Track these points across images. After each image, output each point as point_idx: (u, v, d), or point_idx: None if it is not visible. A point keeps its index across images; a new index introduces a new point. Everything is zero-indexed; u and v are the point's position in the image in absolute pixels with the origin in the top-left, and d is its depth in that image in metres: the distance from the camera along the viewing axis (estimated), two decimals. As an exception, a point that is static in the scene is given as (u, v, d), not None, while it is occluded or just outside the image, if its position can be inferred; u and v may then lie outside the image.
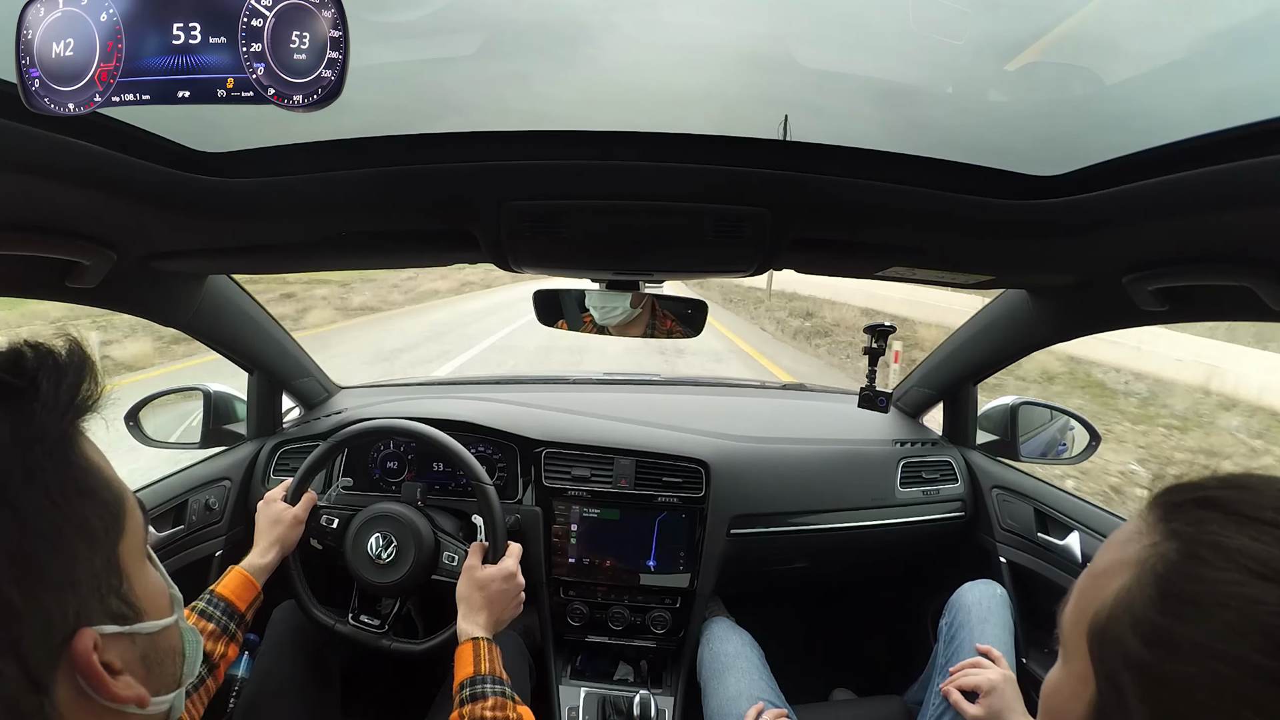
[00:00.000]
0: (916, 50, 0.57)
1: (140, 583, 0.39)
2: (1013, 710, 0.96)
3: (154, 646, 0.40)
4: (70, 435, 0.37)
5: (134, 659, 0.38)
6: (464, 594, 0.96)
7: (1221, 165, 0.53)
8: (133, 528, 0.39)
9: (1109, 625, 0.34)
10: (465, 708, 0.81)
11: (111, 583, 0.37)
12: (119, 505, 0.39)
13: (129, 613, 0.38)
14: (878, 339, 1.26)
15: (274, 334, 1.34)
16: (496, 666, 0.87)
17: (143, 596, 0.39)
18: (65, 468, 0.36)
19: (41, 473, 0.34)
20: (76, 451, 0.37)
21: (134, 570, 0.39)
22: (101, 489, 0.37)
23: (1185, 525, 0.34)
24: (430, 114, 0.67)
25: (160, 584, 0.42)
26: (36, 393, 0.35)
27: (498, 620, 0.96)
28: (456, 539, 1.11)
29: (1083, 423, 1.38)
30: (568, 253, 0.84)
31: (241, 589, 0.93)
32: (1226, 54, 0.50)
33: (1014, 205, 0.70)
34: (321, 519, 1.10)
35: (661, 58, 0.59)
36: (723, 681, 1.15)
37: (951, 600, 1.15)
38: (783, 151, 0.67)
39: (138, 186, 0.63)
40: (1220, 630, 0.30)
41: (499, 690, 0.84)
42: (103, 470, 0.38)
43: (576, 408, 1.51)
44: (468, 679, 0.84)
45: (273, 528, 1.04)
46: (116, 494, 0.39)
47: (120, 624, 0.37)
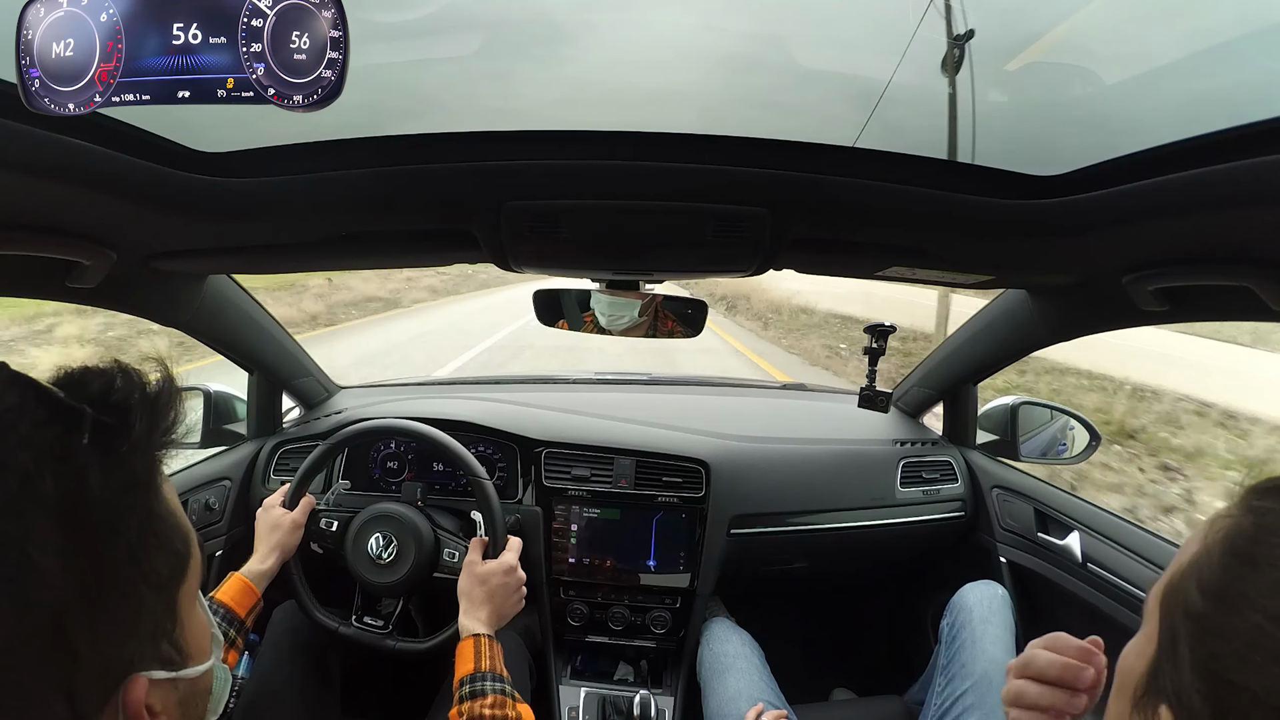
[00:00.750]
0: (916, 50, 0.57)
1: (191, 626, 0.39)
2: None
3: (192, 690, 0.39)
4: (154, 482, 0.35)
5: (173, 703, 0.37)
6: (465, 589, 0.97)
7: (1221, 165, 0.53)
8: (193, 570, 0.39)
9: (1179, 583, 0.38)
10: (465, 704, 0.81)
11: (166, 628, 0.36)
12: (187, 551, 0.38)
13: (177, 658, 0.37)
14: (878, 339, 1.26)
15: (274, 334, 1.34)
16: (497, 664, 0.87)
17: (191, 641, 0.39)
18: (147, 520, 0.34)
19: (125, 527, 0.33)
20: (158, 500, 0.36)
21: (187, 614, 0.38)
22: (174, 538, 0.37)
23: (1266, 503, 0.37)
24: (431, 114, 0.67)
25: (205, 624, 0.42)
26: (129, 434, 0.33)
27: (499, 615, 0.96)
28: (457, 536, 1.11)
29: (1083, 423, 1.38)
30: (568, 253, 0.84)
31: (241, 595, 0.92)
32: (1227, 54, 0.50)
33: (1014, 205, 0.70)
34: (321, 522, 1.10)
35: (662, 58, 0.59)
36: (722, 682, 1.15)
37: (953, 601, 1.15)
38: (783, 151, 0.67)
39: (138, 186, 0.63)
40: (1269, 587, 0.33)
41: (499, 688, 0.83)
42: (177, 515, 0.37)
43: (576, 408, 1.51)
44: (468, 676, 0.84)
45: (272, 533, 1.04)
46: (184, 539, 0.38)
47: (168, 669, 0.36)
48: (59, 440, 0.31)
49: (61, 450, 0.31)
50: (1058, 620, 1.27)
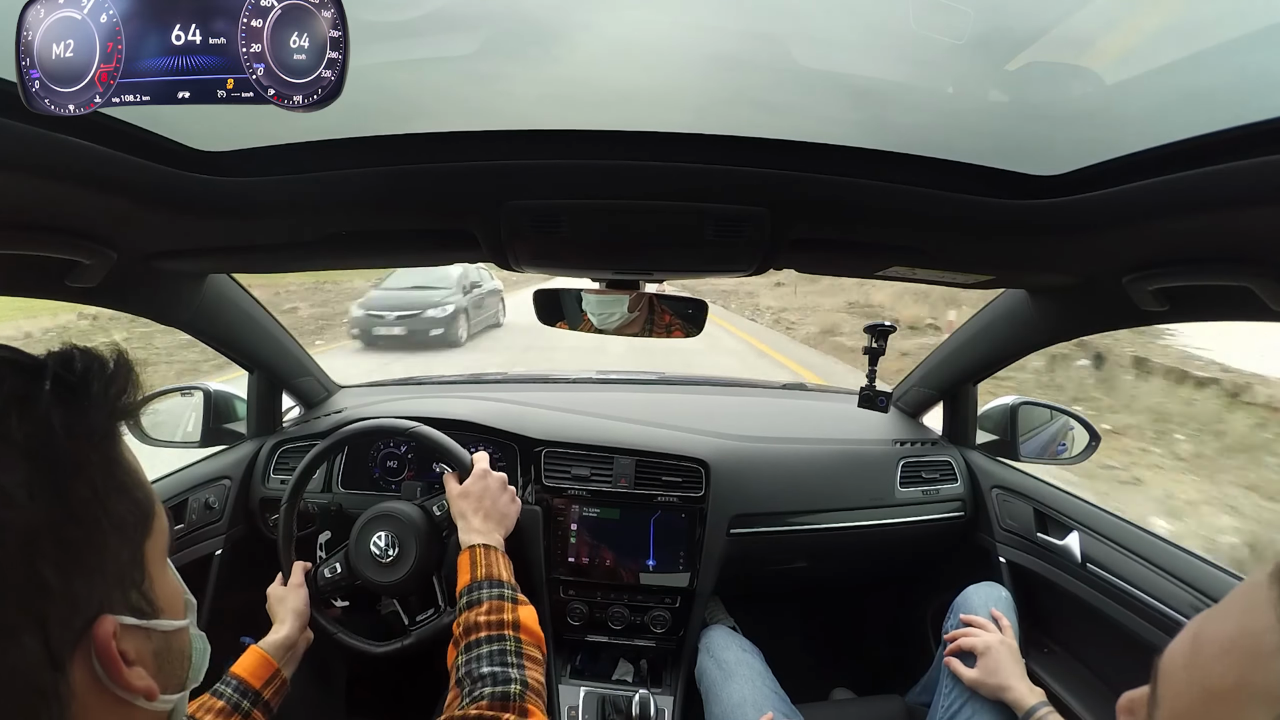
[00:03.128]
0: (917, 50, 0.56)
1: (160, 583, 0.41)
2: (1009, 673, 0.96)
3: (167, 645, 0.41)
4: (113, 433, 0.38)
5: (147, 654, 0.39)
6: (455, 515, 0.98)
7: (1221, 165, 0.53)
8: (159, 529, 0.41)
9: None
10: (461, 615, 0.81)
11: (135, 577, 0.39)
12: (149, 505, 0.40)
13: (148, 609, 0.39)
14: (878, 338, 1.26)
15: (274, 333, 1.34)
16: (495, 569, 0.87)
17: (161, 596, 0.41)
18: (108, 464, 0.37)
19: (88, 465, 0.36)
20: (117, 449, 0.39)
21: (156, 570, 0.41)
22: (136, 488, 0.39)
23: None
24: (431, 113, 0.67)
25: (177, 588, 0.44)
26: (88, 390, 0.36)
27: (495, 517, 0.98)
28: (440, 493, 1.11)
29: (1083, 423, 1.38)
30: (568, 252, 0.84)
31: (257, 667, 0.91)
32: (1227, 53, 0.50)
33: (1014, 205, 0.70)
34: (324, 573, 1.09)
35: (662, 58, 0.59)
36: (725, 689, 1.15)
37: (955, 602, 1.15)
38: (783, 151, 0.67)
39: (138, 186, 0.63)
40: None
41: (494, 593, 0.82)
42: (137, 471, 0.40)
43: (576, 407, 1.51)
44: (465, 587, 0.84)
45: (280, 605, 1.03)
46: (148, 495, 0.40)
47: (139, 618, 0.38)
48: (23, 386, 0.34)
49: (25, 394, 0.34)
50: (1057, 620, 1.27)
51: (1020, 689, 0.94)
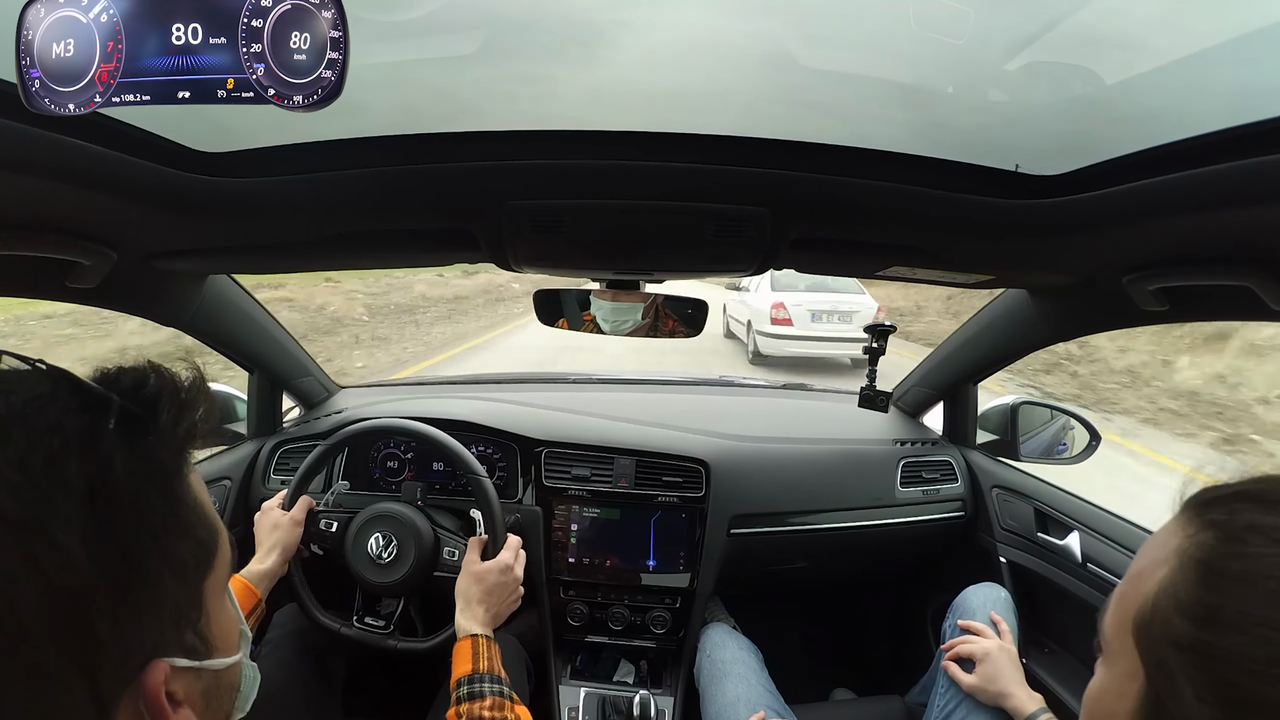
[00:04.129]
0: (916, 49, 0.56)
1: (217, 619, 0.39)
2: (1009, 679, 0.96)
3: (217, 683, 0.39)
4: (180, 470, 0.36)
5: (196, 694, 0.37)
6: (462, 589, 0.97)
7: (1221, 165, 0.53)
8: (221, 564, 0.39)
9: (1154, 615, 0.36)
10: (463, 705, 0.81)
11: (191, 617, 0.37)
12: (213, 543, 0.38)
13: (202, 648, 0.37)
14: (878, 338, 1.26)
15: (274, 334, 1.34)
16: (495, 665, 0.87)
17: (216, 633, 0.39)
18: (172, 506, 0.35)
19: (150, 511, 0.34)
20: (184, 488, 0.36)
21: (214, 606, 0.39)
22: (200, 526, 0.37)
23: (1221, 515, 0.36)
24: (431, 113, 0.67)
25: (234, 620, 0.42)
26: (156, 423, 0.34)
27: (495, 615, 0.96)
28: (457, 535, 1.11)
29: (1083, 423, 1.38)
30: (568, 252, 0.84)
31: (240, 596, 0.92)
32: (1227, 53, 0.50)
33: (1014, 205, 0.70)
34: (320, 523, 1.10)
35: (662, 57, 0.59)
36: (720, 688, 1.15)
37: (956, 603, 1.15)
38: (783, 151, 0.67)
39: (138, 186, 0.63)
40: (1265, 599, 0.32)
41: (497, 689, 0.83)
42: (204, 506, 0.38)
43: (576, 407, 1.51)
44: (465, 677, 0.84)
45: (272, 533, 1.03)
46: (212, 531, 0.38)
47: (192, 659, 0.37)
48: (86, 426, 0.32)
49: (88, 436, 0.32)
50: (1057, 620, 1.27)
51: (1020, 695, 0.94)
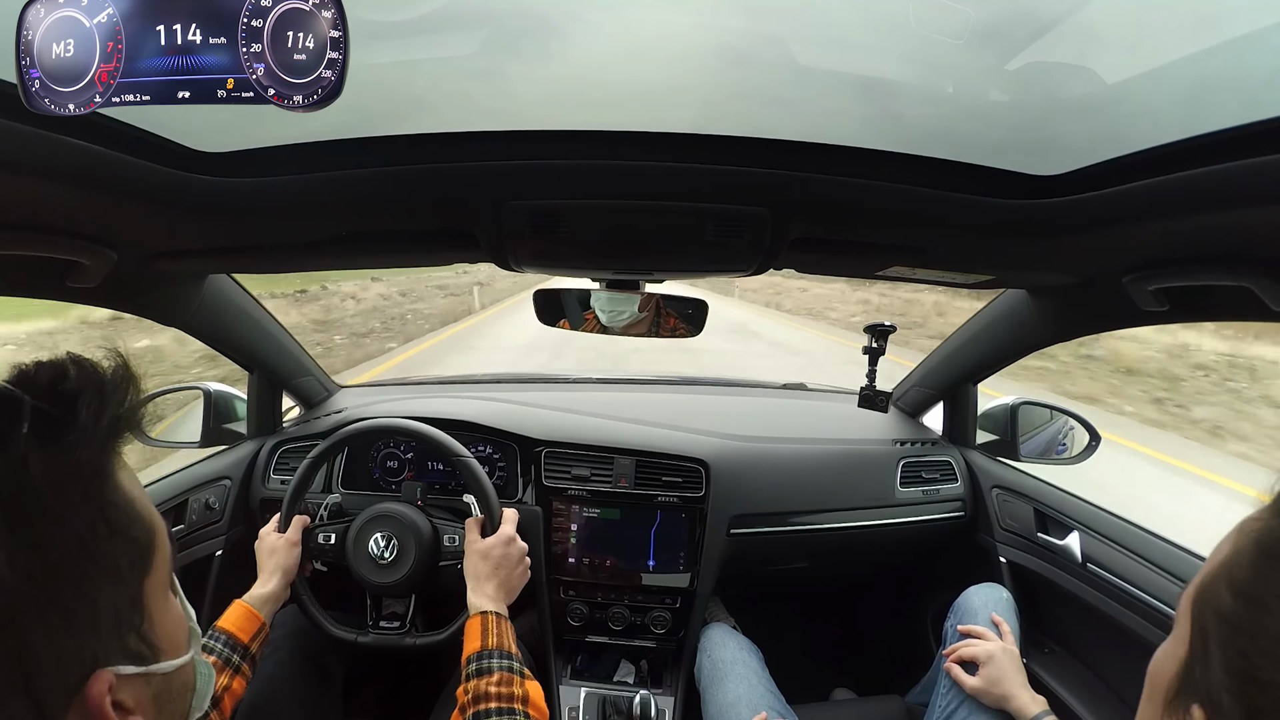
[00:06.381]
0: (916, 49, 0.56)
1: (161, 620, 0.38)
2: (1012, 682, 0.96)
3: (168, 685, 0.38)
4: (105, 470, 0.34)
5: (147, 699, 0.36)
6: (469, 569, 0.97)
7: (1221, 165, 0.53)
8: (160, 562, 0.38)
9: (1210, 585, 0.38)
10: (470, 682, 0.80)
11: (133, 621, 0.35)
12: (149, 541, 0.37)
13: (147, 652, 0.36)
14: (878, 338, 1.26)
15: (274, 333, 1.34)
16: (505, 640, 0.86)
17: (162, 635, 0.37)
18: (98, 507, 0.33)
19: (72, 515, 0.32)
20: (111, 487, 0.34)
21: (157, 607, 0.37)
22: (133, 526, 0.35)
23: None
24: (431, 113, 0.67)
25: (180, 618, 0.41)
26: (75, 422, 0.32)
27: (507, 588, 0.96)
28: (455, 521, 1.11)
29: (1083, 423, 1.38)
30: (568, 252, 0.84)
31: (243, 621, 0.91)
32: (1228, 53, 0.50)
33: (1014, 205, 0.70)
34: (318, 537, 1.09)
35: (662, 57, 0.59)
36: (721, 688, 1.15)
37: (956, 603, 1.15)
38: (783, 151, 0.67)
39: (138, 186, 0.63)
40: None
41: (505, 664, 0.82)
42: (135, 504, 0.36)
43: (576, 407, 1.51)
44: (474, 653, 0.84)
45: (270, 557, 1.03)
46: (147, 529, 0.37)
47: (138, 664, 0.35)
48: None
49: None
50: (1057, 621, 1.27)
51: (1023, 698, 0.94)
